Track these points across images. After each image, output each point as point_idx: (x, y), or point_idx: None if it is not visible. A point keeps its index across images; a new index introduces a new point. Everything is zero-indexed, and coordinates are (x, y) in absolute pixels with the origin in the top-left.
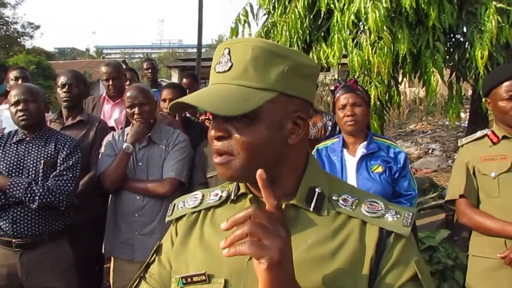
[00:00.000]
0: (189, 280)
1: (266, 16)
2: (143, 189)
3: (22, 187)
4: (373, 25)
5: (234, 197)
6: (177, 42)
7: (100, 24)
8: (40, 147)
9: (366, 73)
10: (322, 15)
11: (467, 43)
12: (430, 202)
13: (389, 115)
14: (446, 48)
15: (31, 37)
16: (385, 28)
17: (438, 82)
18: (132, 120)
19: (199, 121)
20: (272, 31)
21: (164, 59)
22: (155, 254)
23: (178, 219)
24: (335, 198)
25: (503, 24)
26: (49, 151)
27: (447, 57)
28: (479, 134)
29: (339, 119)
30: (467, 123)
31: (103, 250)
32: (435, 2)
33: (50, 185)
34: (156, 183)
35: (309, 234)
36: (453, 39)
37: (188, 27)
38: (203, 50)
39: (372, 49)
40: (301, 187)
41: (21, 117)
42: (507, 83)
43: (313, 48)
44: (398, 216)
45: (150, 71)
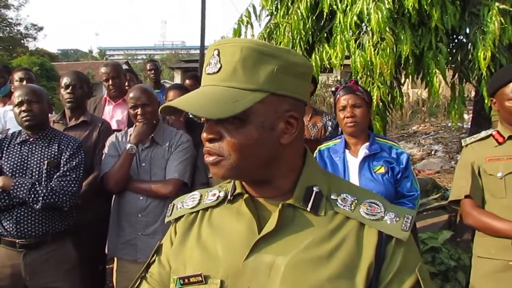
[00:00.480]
0: (186, 280)
1: (268, 17)
2: (147, 190)
3: (25, 187)
4: (375, 26)
5: (230, 197)
6: (180, 43)
7: (103, 25)
8: (43, 147)
9: (368, 74)
10: (324, 16)
11: (470, 44)
12: (433, 203)
13: (391, 116)
14: (448, 49)
15: (34, 38)
16: (387, 29)
17: (440, 83)
18: (135, 121)
19: (202, 122)
20: (274, 32)
21: (166, 60)
22: (155, 254)
23: (177, 219)
24: (334, 197)
25: (506, 25)
26: (53, 152)
27: (450, 58)
28: (483, 134)
29: (339, 120)
30: (470, 124)
31: (106, 250)
32: (438, 3)
33: (53, 185)
34: (159, 184)
35: (305, 234)
36: (456, 40)
37: (190, 28)
38: (205, 51)
39: (374, 50)
40: (298, 187)
41: (24, 118)
42: None
43: (316, 49)
44: (397, 219)
45: (153, 72)
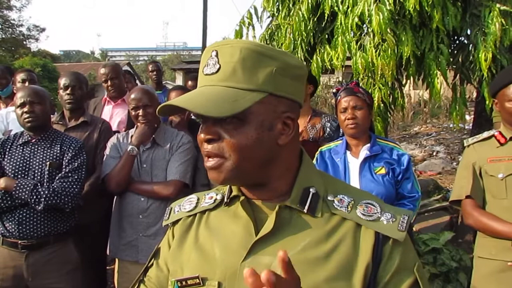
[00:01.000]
0: (184, 283)
1: (270, 18)
2: (148, 191)
3: (28, 188)
4: (376, 28)
5: (227, 200)
6: (182, 44)
7: (105, 26)
8: (45, 148)
9: (370, 75)
10: (326, 18)
11: (471, 46)
12: (434, 204)
13: (393, 117)
14: (450, 50)
15: (37, 39)
16: (388, 30)
17: (442, 84)
18: (136, 122)
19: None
20: (276, 34)
21: (168, 61)
22: (153, 258)
23: (174, 223)
24: (331, 198)
25: (507, 26)
26: (55, 153)
27: (451, 59)
28: (485, 134)
29: (340, 122)
30: (471, 125)
31: (108, 251)
32: (439, 4)
33: (55, 186)
34: (160, 185)
35: (302, 236)
36: (457, 42)
37: (192, 29)
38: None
39: (376, 52)
40: (295, 188)
41: (27, 119)
42: None
43: (317, 50)
44: (393, 219)
45: (155, 73)
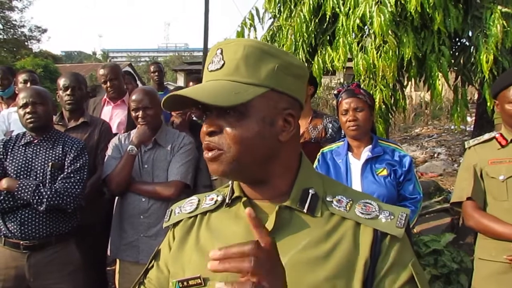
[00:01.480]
0: (185, 284)
1: (271, 19)
2: (149, 192)
3: (30, 189)
4: (378, 29)
5: (229, 200)
6: (183, 45)
7: (106, 27)
8: (48, 149)
9: (371, 76)
10: (327, 19)
11: (472, 47)
12: (435, 206)
13: (394, 119)
14: (451, 52)
15: (38, 40)
16: (390, 32)
17: (443, 86)
18: (136, 123)
19: None
20: (277, 35)
21: (170, 62)
22: (153, 259)
23: (175, 225)
24: (329, 199)
25: (509, 28)
26: (57, 154)
27: (452, 61)
28: (486, 136)
29: (342, 123)
30: (472, 127)
31: (109, 252)
32: (440, 6)
33: (57, 187)
34: (161, 186)
35: (302, 236)
36: (458, 43)
37: (194, 30)
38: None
39: (377, 53)
40: (295, 189)
41: (29, 120)
42: None
43: (319, 51)
44: (391, 217)
45: (157, 74)
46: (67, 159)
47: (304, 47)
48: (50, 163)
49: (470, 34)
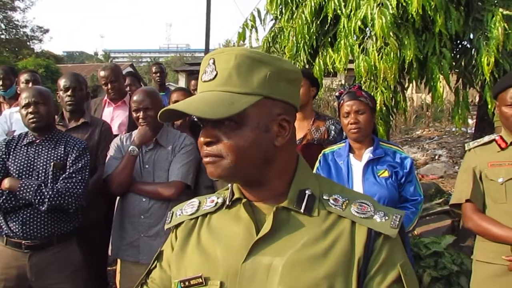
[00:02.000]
0: (187, 283)
1: (273, 21)
2: (149, 192)
3: (32, 189)
4: (379, 31)
5: (229, 202)
6: (185, 46)
7: (108, 28)
8: (49, 149)
9: (372, 78)
10: (329, 21)
11: (474, 50)
12: (436, 208)
13: (395, 121)
14: (452, 54)
15: (40, 40)
16: (391, 34)
17: (444, 88)
18: (137, 123)
19: None
20: (279, 36)
21: (171, 63)
22: (156, 260)
23: (177, 226)
24: (326, 197)
25: (510, 31)
26: (59, 154)
27: (454, 63)
28: (486, 139)
29: (343, 126)
30: (473, 129)
31: (110, 252)
32: (442, 8)
33: (59, 187)
34: (162, 186)
35: (300, 235)
36: (460, 46)
37: (195, 31)
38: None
39: (378, 55)
40: (292, 190)
41: (31, 120)
42: (511, 90)
43: (320, 53)
44: (386, 217)
45: (158, 75)
46: (69, 159)
47: (305, 49)
48: (52, 163)
49: (471, 36)
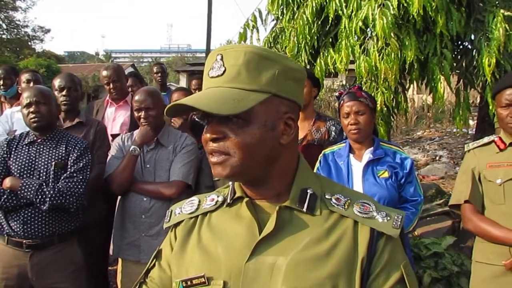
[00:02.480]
0: (189, 283)
1: (274, 21)
2: (150, 191)
3: (33, 188)
4: (380, 32)
5: (230, 200)
6: (186, 46)
7: (109, 28)
8: (51, 149)
9: (373, 79)
10: (330, 21)
11: (475, 51)
12: (436, 209)
13: (396, 122)
14: (453, 55)
15: (42, 40)
16: (392, 34)
17: (445, 89)
18: (139, 123)
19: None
20: (280, 37)
21: (172, 63)
22: (155, 259)
23: (176, 225)
24: (328, 197)
25: (511, 32)
26: (60, 153)
27: (455, 64)
28: (486, 140)
29: (344, 126)
30: (474, 130)
31: (111, 251)
32: (443, 9)
33: (60, 186)
34: (163, 185)
35: (303, 234)
36: (461, 47)
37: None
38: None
39: (379, 56)
40: (294, 189)
41: (32, 119)
42: (507, 91)
43: (321, 53)
44: (388, 218)
45: (159, 75)
46: (70, 159)
47: (306, 49)
48: (53, 163)
49: (472, 37)
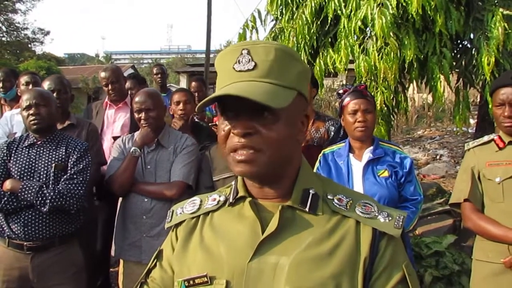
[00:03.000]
0: (192, 282)
1: (273, 22)
2: (151, 192)
3: (33, 190)
4: (379, 31)
5: (232, 200)
6: (186, 47)
7: (109, 29)
8: (51, 151)
9: (372, 78)
10: (329, 21)
11: (474, 50)
12: (437, 207)
13: (397, 121)
14: (453, 54)
15: (42, 42)
16: (391, 34)
17: (445, 88)
18: (139, 124)
19: (207, 126)
20: (279, 37)
21: (172, 64)
22: (156, 259)
23: (177, 225)
24: (330, 197)
25: (510, 30)
26: (60, 155)
27: (454, 63)
28: (486, 138)
29: (348, 124)
30: (475, 129)
31: (113, 252)
32: (442, 8)
33: (61, 188)
34: (164, 186)
35: (306, 234)
36: (460, 46)
37: (196, 32)
38: (211, 55)
39: (378, 55)
40: (296, 189)
41: (32, 121)
42: (501, 90)
43: (320, 53)
44: (390, 218)
45: (159, 76)
46: (70, 161)
47: (306, 49)
48: (53, 165)
49: (471, 36)
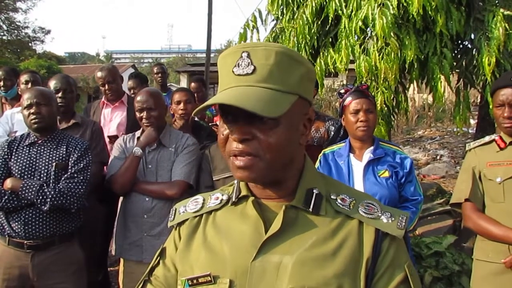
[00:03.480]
0: (195, 281)
1: (274, 21)
2: (152, 191)
3: (34, 189)
4: (380, 31)
5: (235, 199)
6: (186, 47)
7: (110, 29)
8: (52, 149)
9: (373, 78)
10: (330, 21)
11: (475, 50)
12: (437, 208)
13: (397, 121)
14: (453, 54)
15: (42, 41)
16: (392, 34)
17: (446, 88)
18: (141, 124)
19: (207, 125)
20: (280, 37)
21: (173, 64)
22: (159, 257)
23: (180, 224)
24: (334, 197)
25: (511, 31)
26: (61, 154)
27: (455, 63)
28: (487, 139)
29: (349, 123)
30: (475, 129)
31: (113, 252)
32: (443, 9)
33: (61, 187)
34: (165, 185)
35: (309, 234)
36: (461, 46)
37: (197, 32)
38: (212, 55)
39: (379, 55)
40: (300, 189)
41: (33, 120)
42: (501, 91)
43: (321, 53)
44: (392, 218)
45: (160, 76)
46: (70, 159)
47: (306, 49)
48: (54, 163)
49: (472, 36)
